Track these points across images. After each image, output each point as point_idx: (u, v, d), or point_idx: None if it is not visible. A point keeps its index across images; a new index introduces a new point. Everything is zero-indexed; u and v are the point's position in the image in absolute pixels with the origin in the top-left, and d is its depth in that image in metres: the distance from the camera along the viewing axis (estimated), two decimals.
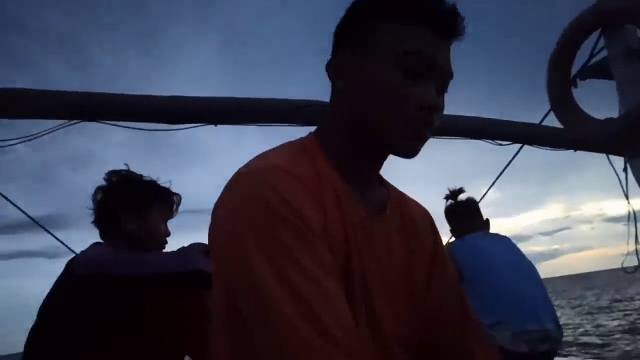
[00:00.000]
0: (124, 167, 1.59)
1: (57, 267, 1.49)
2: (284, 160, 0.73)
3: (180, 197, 1.58)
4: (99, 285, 1.34)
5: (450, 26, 0.77)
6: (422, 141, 0.78)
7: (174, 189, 1.61)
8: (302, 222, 0.67)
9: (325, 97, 0.85)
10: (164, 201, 1.57)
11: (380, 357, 0.78)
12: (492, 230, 2.48)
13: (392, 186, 0.94)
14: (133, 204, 1.52)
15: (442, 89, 0.79)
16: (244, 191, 0.70)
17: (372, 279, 0.78)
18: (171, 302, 1.39)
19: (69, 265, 1.45)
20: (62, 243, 2.04)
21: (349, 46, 0.80)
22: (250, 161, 0.76)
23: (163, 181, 1.60)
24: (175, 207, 1.60)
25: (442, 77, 0.78)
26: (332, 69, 0.81)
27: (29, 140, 1.78)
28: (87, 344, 1.35)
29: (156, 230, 1.53)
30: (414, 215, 0.92)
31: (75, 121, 1.77)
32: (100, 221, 1.54)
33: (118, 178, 1.57)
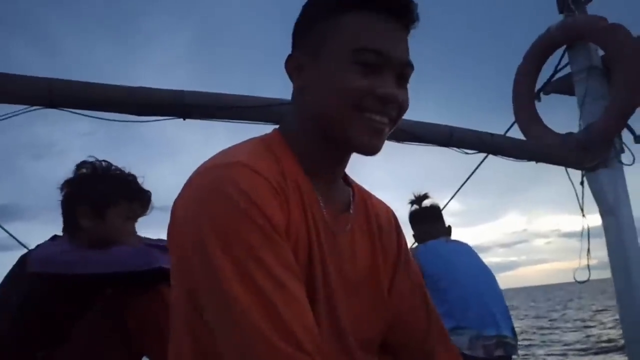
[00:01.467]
0: (89, 159, 1.50)
1: (8, 260, 1.43)
2: (247, 156, 0.72)
3: (150, 194, 1.49)
4: (54, 282, 1.29)
5: (403, 14, 0.76)
6: (380, 136, 0.77)
7: (144, 184, 1.51)
8: (265, 220, 0.66)
9: None
10: (129, 200, 1.46)
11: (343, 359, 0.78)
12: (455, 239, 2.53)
13: (357, 185, 0.93)
14: (91, 202, 1.43)
15: (403, 80, 0.78)
16: (206, 187, 0.68)
17: (335, 281, 0.78)
18: (130, 299, 1.35)
19: (22, 260, 1.39)
20: (11, 235, 1.95)
21: (305, 44, 0.79)
22: (212, 157, 0.74)
23: (137, 175, 1.51)
24: (144, 204, 1.50)
25: (400, 68, 0.77)
26: (291, 67, 0.81)
27: None
28: (43, 341, 1.30)
29: (116, 230, 1.43)
30: (378, 214, 0.92)
31: (35, 107, 1.70)
32: (62, 215, 1.48)
33: (84, 171, 1.49)
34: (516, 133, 3.18)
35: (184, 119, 1.98)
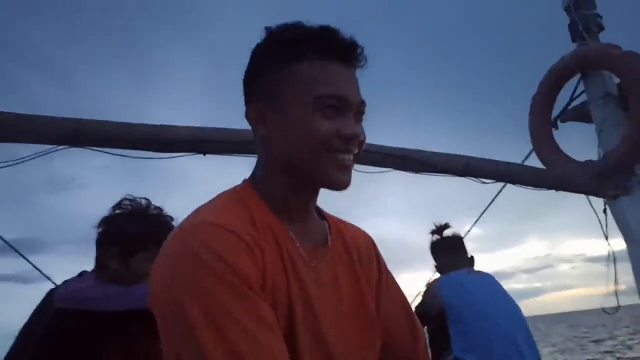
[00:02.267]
0: (129, 196, 1.49)
1: (31, 292, 1.45)
2: (217, 214, 0.75)
3: None
4: (78, 318, 1.31)
5: (351, 59, 0.80)
6: (348, 171, 0.80)
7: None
8: (236, 277, 0.68)
9: None
10: (159, 245, 1.49)
11: None
12: (477, 266, 2.49)
13: (332, 217, 0.95)
14: (120, 244, 1.44)
15: (359, 117, 0.82)
16: (177, 251, 0.71)
17: (321, 313, 0.79)
18: (151, 337, 1.36)
19: (49, 294, 1.41)
20: (38, 269, 1.98)
21: (262, 94, 0.82)
22: (185, 219, 0.77)
23: (157, 206, 1.50)
24: None
25: (356, 107, 0.80)
26: (252, 117, 0.83)
27: (15, 164, 1.76)
28: None
29: (141, 274, 1.44)
30: (356, 242, 0.94)
31: (62, 147, 1.76)
32: (96, 252, 1.50)
33: (118, 211, 1.50)
34: (534, 162, 3.17)
35: (204, 155, 2.02)
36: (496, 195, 2.81)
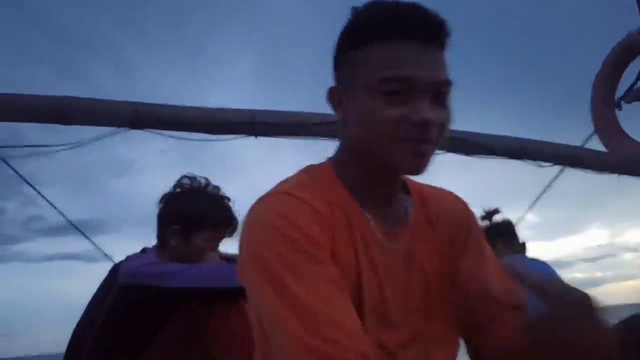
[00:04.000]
0: (189, 174, 1.53)
1: (95, 270, 1.53)
2: (292, 187, 0.77)
3: (238, 222, 1.48)
4: (141, 293, 1.37)
5: (429, 37, 0.75)
6: (423, 157, 0.76)
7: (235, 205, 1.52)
8: (308, 242, 0.70)
9: None
10: (217, 225, 1.49)
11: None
12: (534, 254, 2.41)
13: (419, 187, 0.92)
14: (180, 222, 1.49)
15: (440, 99, 0.76)
16: (253, 220, 0.74)
17: (391, 298, 0.78)
18: (210, 313, 1.41)
19: (114, 270, 1.48)
20: (99, 249, 2.09)
21: (340, 77, 0.82)
22: (267, 191, 0.79)
23: (215, 186, 1.54)
24: (232, 231, 1.52)
25: (434, 88, 0.75)
26: (332, 100, 0.83)
27: (78, 146, 1.86)
28: (129, 349, 1.38)
29: (199, 252, 1.48)
30: (439, 209, 0.90)
31: (123, 129, 1.83)
32: (157, 228, 1.55)
33: (180, 189, 1.54)
34: (596, 145, 3.02)
35: (256, 137, 2.06)
36: (554, 179, 2.71)
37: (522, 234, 2.45)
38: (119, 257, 1.59)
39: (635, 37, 2.91)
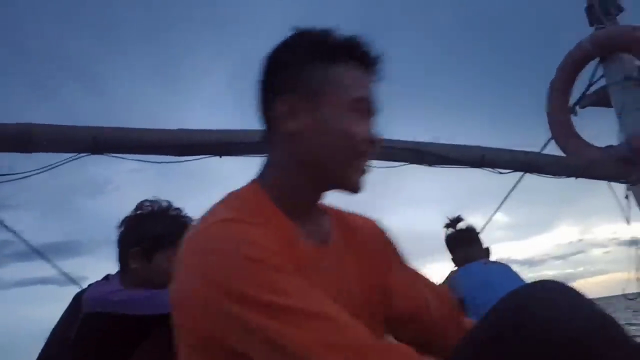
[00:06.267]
0: (151, 198, 1.53)
1: (70, 293, 1.50)
2: (235, 212, 0.77)
3: None
4: (108, 323, 1.35)
5: (377, 67, 0.86)
6: (364, 176, 0.86)
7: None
8: (276, 256, 0.71)
9: None
10: (178, 246, 1.49)
11: None
12: (506, 254, 2.47)
13: (333, 209, 0.97)
14: (141, 244, 1.47)
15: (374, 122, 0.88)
16: (205, 248, 0.72)
17: None
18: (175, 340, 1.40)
19: (76, 300, 1.46)
20: (63, 272, 2.04)
21: (297, 88, 0.83)
22: (199, 220, 0.79)
23: (177, 207, 1.54)
24: None
25: (375, 112, 0.86)
26: (279, 110, 0.83)
27: (42, 172, 1.83)
28: None
29: (162, 273, 1.45)
30: (355, 229, 0.95)
31: (84, 154, 1.82)
32: (117, 254, 1.54)
33: (139, 212, 1.53)
34: (553, 149, 3.12)
35: (220, 157, 2.06)
36: (515, 186, 2.78)
37: (494, 235, 2.52)
38: (95, 278, 1.57)
39: (586, 46, 3.04)
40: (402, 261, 0.99)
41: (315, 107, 0.82)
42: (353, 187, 0.85)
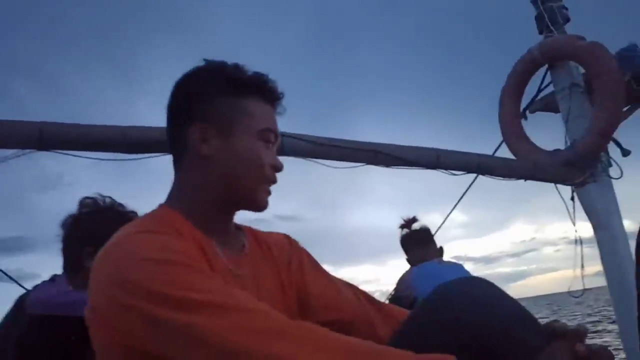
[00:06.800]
0: (93, 195, 1.49)
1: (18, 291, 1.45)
2: (146, 226, 0.82)
3: None
4: (52, 324, 1.30)
5: (278, 102, 0.97)
6: (269, 195, 0.96)
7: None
8: (188, 257, 0.74)
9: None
10: None
11: None
12: (463, 252, 2.53)
13: (247, 227, 1.05)
14: (95, 242, 1.44)
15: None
16: (122, 259, 0.75)
17: None
18: None
19: (21, 300, 1.40)
20: (4, 273, 1.95)
21: (209, 117, 0.91)
22: (114, 235, 0.83)
23: (131, 208, 1.51)
24: None
25: (276, 143, 0.98)
26: (193, 136, 0.90)
27: None
28: None
29: None
30: (269, 243, 1.03)
31: (29, 150, 1.74)
32: (63, 253, 1.49)
33: (87, 210, 1.49)
34: (505, 152, 3.22)
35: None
36: (468, 188, 2.86)
37: (451, 233, 2.58)
38: (48, 274, 1.51)
39: (535, 53, 3.16)
40: (316, 267, 1.06)
41: (227, 134, 0.91)
42: (259, 206, 0.95)
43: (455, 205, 2.98)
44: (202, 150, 0.90)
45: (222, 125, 0.91)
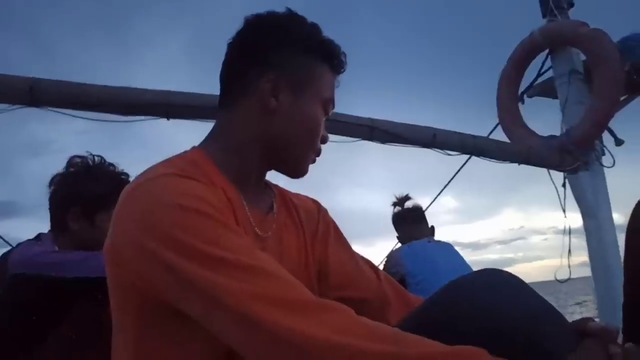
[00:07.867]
0: (84, 154, 1.44)
1: None
2: (180, 169, 0.76)
3: None
4: (34, 284, 1.28)
5: (341, 73, 0.94)
6: (311, 164, 0.94)
7: None
8: (219, 212, 0.71)
9: None
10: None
11: None
12: (452, 237, 2.55)
13: (278, 187, 1.01)
14: (82, 203, 1.40)
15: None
16: (151, 202, 0.70)
17: None
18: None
19: (4, 259, 1.38)
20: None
21: (286, 71, 0.86)
22: (141, 175, 0.77)
23: (111, 163, 1.46)
24: None
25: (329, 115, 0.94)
26: (263, 86, 0.84)
27: None
28: (24, 341, 1.29)
29: (104, 234, 1.40)
30: (297, 207, 0.99)
31: (18, 106, 1.70)
32: (50, 212, 1.45)
33: (76, 168, 1.45)
34: (500, 135, 3.22)
35: (168, 119, 1.98)
36: (461, 168, 2.86)
37: (442, 219, 2.59)
38: (17, 243, 1.49)
39: (536, 37, 3.13)
40: (340, 240, 1.03)
41: (298, 95, 0.86)
42: (301, 174, 0.92)
43: (447, 184, 2.99)
44: (270, 103, 0.84)
45: (295, 83, 0.86)
